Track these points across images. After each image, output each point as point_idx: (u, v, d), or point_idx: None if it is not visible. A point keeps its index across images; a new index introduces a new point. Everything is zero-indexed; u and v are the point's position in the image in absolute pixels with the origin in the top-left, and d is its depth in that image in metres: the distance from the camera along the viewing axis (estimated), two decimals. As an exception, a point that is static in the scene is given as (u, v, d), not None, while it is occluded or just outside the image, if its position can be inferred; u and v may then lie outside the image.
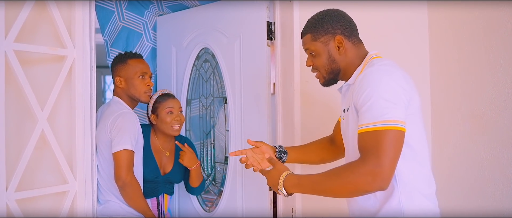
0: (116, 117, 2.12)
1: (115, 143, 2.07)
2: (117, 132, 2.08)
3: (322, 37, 1.54)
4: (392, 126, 1.31)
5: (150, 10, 2.98)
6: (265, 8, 2.33)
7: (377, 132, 1.32)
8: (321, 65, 1.57)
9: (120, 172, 2.06)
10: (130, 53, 2.31)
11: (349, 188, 1.35)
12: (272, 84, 2.36)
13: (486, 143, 2.05)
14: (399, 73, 1.42)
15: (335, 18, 1.55)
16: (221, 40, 2.57)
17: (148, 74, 2.28)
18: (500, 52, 1.97)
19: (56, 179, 1.69)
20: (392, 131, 1.31)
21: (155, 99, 2.39)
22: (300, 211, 2.20)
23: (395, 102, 1.34)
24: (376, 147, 1.31)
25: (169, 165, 2.43)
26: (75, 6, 1.71)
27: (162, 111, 2.36)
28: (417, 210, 1.43)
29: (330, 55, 1.55)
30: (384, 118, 1.32)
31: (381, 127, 1.31)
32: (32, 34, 1.64)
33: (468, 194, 2.14)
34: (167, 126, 2.36)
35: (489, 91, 2.02)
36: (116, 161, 2.07)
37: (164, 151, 2.44)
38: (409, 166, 1.42)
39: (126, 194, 2.11)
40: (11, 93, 1.54)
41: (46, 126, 1.60)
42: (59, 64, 1.67)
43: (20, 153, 1.53)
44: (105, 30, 2.85)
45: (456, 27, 2.19)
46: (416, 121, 1.45)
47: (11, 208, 1.50)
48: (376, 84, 1.36)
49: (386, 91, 1.35)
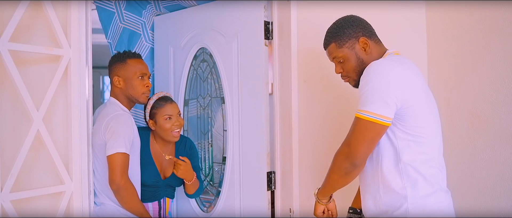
0: (109, 119, 2.06)
1: (109, 146, 2.00)
2: (111, 135, 2.01)
3: (347, 42, 1.61)
4: (370, 118, 1.43)
5: (148, 10, 2.98)
6: (262, 8, 2.32)
7: (357, 119, 1.47)
8: (351, 70, 1.64)
9: (114, 176, 2.00)
10: (130, 53, 2.24)
11: (335, 170, 1.56)
12: (270, 84, 2.35)
13: (483, 141, 2.04)
14: (399, 69, 1.49)
15: (354, 22, 1.62)
16: (218, 40, 2.56)
17: (147, 75, 2.22)
18: (497, 51, 1.97)
19: (52, 179, 1.68)
20: (368, 121, 1.44)
21: (152, 105, 2.31)
22: (297, 211, 2.20)
23: (382, 97, 1.43)
24: (351, 132, 1.50)
25: (169, 169, 2.38)
26: (71, 6, 1.70)
27: (160, 117, 2.28)
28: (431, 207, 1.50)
29: (358, 57, 1.62)
30: (366, 108, 1.44)
31: (360, 115, 1.46)
32: (27, 34, 1.63)
33: (466, 193, 2.13)
34: (167, 133, 2.30)
35: (486, 90, 2.02)
36: (110, 165, 2.01)
37: (164, 155, 2.39)
38: (417, 158, 1.50)
39: (121, 198, 2.06)
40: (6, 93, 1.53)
41: (41, 126, 1.59)
42: (54, 64, 1.66)
43: (16, 153, 1.52)
44: (108, 32, 2.82)
45: (454, 26, 2.18)
46: (421, 114, 1.50)
47: (6, 209, 1.49)
48: (373, 74, 1.47)
49: (378, 84, 1.45)
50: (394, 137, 1.50)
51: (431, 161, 1.52)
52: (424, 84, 1.58)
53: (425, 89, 1.56)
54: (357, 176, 1.59)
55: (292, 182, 2.20)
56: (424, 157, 1.50)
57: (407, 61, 1.56)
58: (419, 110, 1.49)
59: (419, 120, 1.49)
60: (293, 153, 2.20)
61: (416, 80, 1.52)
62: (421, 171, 1.49)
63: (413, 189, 1.49)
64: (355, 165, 1.50)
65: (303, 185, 2.20)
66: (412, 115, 1.47)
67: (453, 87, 2.19)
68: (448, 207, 1.56)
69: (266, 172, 2.32)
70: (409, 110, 1.46)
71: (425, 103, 1.53)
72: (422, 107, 1.50)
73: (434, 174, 1.52)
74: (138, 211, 2.13)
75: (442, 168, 1.58)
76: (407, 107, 1.46)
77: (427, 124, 1.52)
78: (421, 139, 1.49)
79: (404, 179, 1.49)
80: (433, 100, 1.60)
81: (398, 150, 1.49)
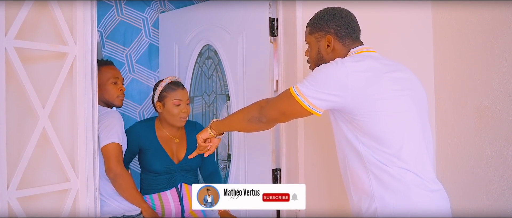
0: (102, 116, 2.16)
1: (102, 138, 2.10)
2: (104, 128, 2.12)
3: (317, 33, 1.62)
4: (296, 95, 1.45)
5: (152, 7, 2.99)
6: (267, 5, 2.31)
7: (289, 94, 1.47)
8: (311, 58, 1.67)
9: (110, 164, 2.10)
10: (102, 61, 2.35)
11: (244, 111, 1.66)
12: (275, 81, 2.34)
13: (490, 138, 2.03)
14: (348, 65, 1.42)
15: (333, 17, 1.59)
16: (223, 37, 2.55)
17: (120, 79, 2.33)
18: (503, 49, 1.96)
19: (57, 177, 1.68)
20: (292, 97, 1.46)
21: (163, 87, 2.32)
22: (303, 211, 2.19)
23: (317, 88, 1.42)
24: (277, 97, 1.57)
25: (181, 151, 2.38)
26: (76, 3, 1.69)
27: (169, 101, 2.30)
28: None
29: (319, 51, 1.62)
30: (298, 87, 1.45)
31: (291, 89, 1.47)
32: (33, 31, 1.62)
33: (473, 190, 2.12)
34: (174, 118, 2.31)
35: (493, 87, 2.01)
36: (105, 154, 2.11)
37: (173, 138, 2.40)
38: (379, 158, 1.44)
39: (118, 186, 2.14)
40: (12, 91, 1.53)
41: (47, 123, 1.59)
42: (60, 61, 1.66)
43: (22, 150, 1.52)
44: (100, 22, 2.92)
45: (460, 25, 2.18)
46: (382, 113, 1.42)
47: (13, 206, 1.49)
48: (320, 69, 1.46)
49: (319, 76, 1.44)
50: (356, 137, 1.45)
51: (398, 160, 1.43)
52: (397, 80, 1.48)
53: (397, 85, 1.47)
54: None
55: (297, 179, 2.19)
56: (388, 157, 1.43)
57: (367, 59, 1.48)
58: (379, 108, 1.41)
59: (383, 120, 1.42)
60: (298, 150, 2.19)
61: (377, 77, 1.43)
62: (387, 170, 1.42)
63: (381, 188, 1.43)
64: (261, 120, 1.57)
65: (309, 183, 2.19)
66: (370, 114, 1.41)
67: (459, 85, 2.18)
68: (425, 205, 1.43)
69: (272, 169, 2.32)
70: (365, 109, 1.40)
71: (393, 100, 1.44)
72: (384, 106, 1.42)
73: (401, 172, 1.42)
74: (135, 199, 2.19)
75: (413, 166, 1.45)
76: (359, 106, 1.40)
77: (392, 123, 1.44)
78: (385, 140, 1.42)
79: (370, 178, 1.44)
80: (412, 95, 1.50)
81: (360, 150, 1.45)
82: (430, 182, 1.46)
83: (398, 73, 1.50)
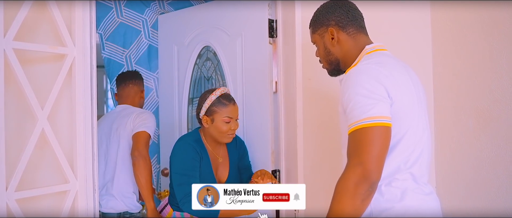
0: (141, 111, 2.44)
1: (138, 126, 2.32)
2: (143, 120, 2.36)
3: (319, 29, 1.60)
4: (375, 122, 1.29)
5: (152, 8, 3.00)
6: (266, 6, 2.31)
7: (361, 129, 1.30)
8: (320, 56, 1.63)
9: (139, 145, 2.27)
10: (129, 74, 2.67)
11: (347, 202, 1.28)
12: (274, 82, 2.34)
13: (489, 139, 2.03)
14: (378, 71, 1.37)
15: (330, 9, 1.57)
16: (222, 38, 2.55)
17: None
18: (502, 50, 1.96)
19: (56, 178, 1.68)
20: (375, 127, 1.29)
21: (213, 101, 2.10)
22: (303, 211, 2.19)
23: (376, 98, 1.32)
24: (359, 146, 1.30)
25: (224, 172, 2.21)
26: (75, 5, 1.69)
27: (219, 118, 2.08)
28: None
29: (325, 47, 1.59)
30: (367, 115, 1.30)
31: (365, 124, 1.30)
32: (31, 33, 1.62)
33: (471, 191, 2.12)
34: (222, 135, 2.11)
35: (492, 88, 2.01)
36: (136, 138, 2.30)
37: (217, 156, 2.20)
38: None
39: (138, 167, 2.24)
40: (11, 92, 1.52)
41: (46, 125, 1.58)
42: (59, 63, 1.66)
43: (20, 152, 1.52)
44: (100, 24, 2.96)
45: (459, 25, 2.18)
46: (405, 117, 1.39)
47: (11, 208, 1.49)
48: (355, 84, 1.36)
49: (365, 89, 1.33)
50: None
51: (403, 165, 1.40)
52: (409, 83, 1.45)
53: (410, 88, 1.45)
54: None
55: (296, 180, 2.19)
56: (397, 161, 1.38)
57: (387, 60, 1.45)
58: (400, 110, 1.37)
59: (396, 124, 1.36)
60: (297, 151, 2.19)
61: (400, 79, 1.41)
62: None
63: (377, 191, 1.36)
64: (373, 182, 1.28)
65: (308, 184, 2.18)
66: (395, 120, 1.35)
67: (458, 85, 2.18)
68: (419, 208, 1.41)
69: (271, 170, 2.31)
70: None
71: (408, 104, 1.41)
72: (404, 108, 1.39)
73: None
74: (148, 189, 2.26)
75: (414, 170, 1.42)
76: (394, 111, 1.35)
77: (404, 126, 1.39)
78: (396, 145, 1.38)
79: None
80: (420, 98, 1.49)
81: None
82: (424, 186, 1.45)
83: (412, 74, 1.50)
